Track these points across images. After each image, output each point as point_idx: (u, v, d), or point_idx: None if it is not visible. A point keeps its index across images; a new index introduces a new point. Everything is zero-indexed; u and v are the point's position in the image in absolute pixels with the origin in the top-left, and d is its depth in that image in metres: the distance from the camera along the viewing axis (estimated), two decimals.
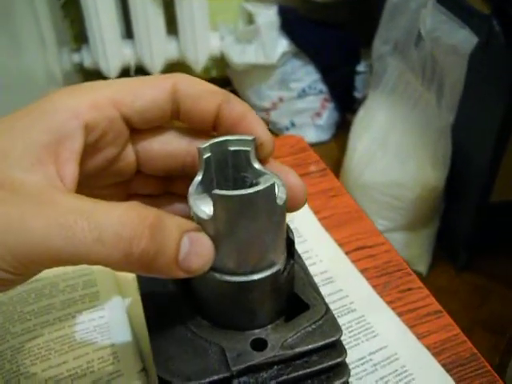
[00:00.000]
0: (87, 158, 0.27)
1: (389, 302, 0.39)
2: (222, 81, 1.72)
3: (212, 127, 0.28)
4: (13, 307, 0.37)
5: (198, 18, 1.53)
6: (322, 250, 0.43)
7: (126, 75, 1.46)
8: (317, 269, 0.41)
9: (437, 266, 1.36)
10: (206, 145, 0.26)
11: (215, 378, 0.26)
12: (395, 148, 1.30)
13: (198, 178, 0.26)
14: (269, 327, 0.28)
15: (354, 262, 0.43)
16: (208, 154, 0.26)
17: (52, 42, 1.39)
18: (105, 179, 0.29)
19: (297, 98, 1.69)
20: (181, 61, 1.64)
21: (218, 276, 0.26)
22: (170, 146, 0.29)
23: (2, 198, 0.22)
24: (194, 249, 0.24)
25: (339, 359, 0.28)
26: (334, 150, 1.68)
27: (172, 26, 1.58)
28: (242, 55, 1.60)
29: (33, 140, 0.24)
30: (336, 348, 0.28)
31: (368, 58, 1.59)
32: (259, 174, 0.27)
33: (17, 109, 0.25)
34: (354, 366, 0.35)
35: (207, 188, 0.27)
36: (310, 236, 0.45)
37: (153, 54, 1.57)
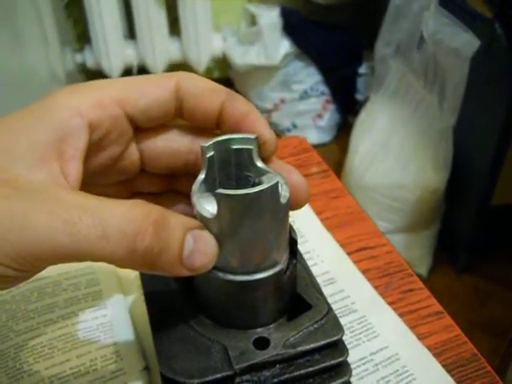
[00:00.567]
0: (91, 157, 0.27)
1: (390, 303, 0.40)
2: (223, 82, 1.71)
3: (215, 125, 0.28)
4: (16, 305, 0.38)
5: (200, 19, 1.53)
6: (323, 250, 0.44)
7: (128, 75, 1.46)
8: (318, 269, 0.42)
9: (437, 268, 1.36)
10: (209, 143, 0.26)
11: (218, 376, 0.26)
12: (396, 150, 1.31)
13: (201, 176, 0.26)
14: (271, 326, 0.28)
15: (355, 262, 0.43)
16: (211, 153, 0.26)
17: (55, 42, 1.39)
18: (109, 177, 0.30)
19: (298, 100, 1.70)
20: (183, 61, 1.64)
21: (221, 275, 0.26)
22: (173, 144, 0.29)
23: (5, 195, 0.22)
24: (198, 247, 0.24)
25: (341, 358, 0.28)
26: (335, 152, 1.68)
27: (175, 26, 1.59)
28: (245, 56, 1.60)
29: (37, 138, 0.24)
30: (338, 347, 0.28)
31: (370, 60, 1.59)
32: (262, 172, 0.27)
33: (20, 108, 0.26)
34: (355, 365, 0.35)
35: (210, 186, 0.27)
36: (312, 237, 0.45)
37: (155, 55, 1.57)
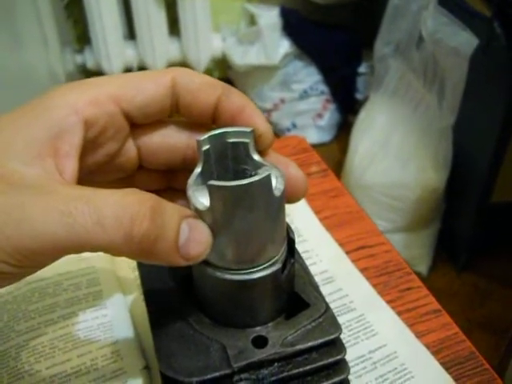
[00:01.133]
0: (88, 154, 0.27)
1: (388, 301, 0.40)
2: (223, 82, 1.72)
3: (211, 120, 0.28)
4: (17, 306, 0.38)
5: (200, 19, 1.53)
6: (322, 249, 0.44)
7: None
8: (317, 268, 0.42)
9: (437, 267, 1.36)
10: (205, 137, 0.26)
11: (217, 374, 0.26)
12: (396, 149, 1.31)
13: (198, 169, 0.26)
14: (269, 325, 0.29)
15: (354, 261, 0.43)
16: (207, 146, 0.27)
17: (55, 43, 1.39)
18: (107, 175, 0.30)
19: (298, 99, 1.70)
20: (183, 62, 1.64)
21: (220, 274, 0.27)
22: (170, 139, 0.29)
23: (1, 190, 0.22)
24: (193, 235, 0.24)
25: (339, 356, 0.28)
26: (335, 151, 1.68)
27: (174, 26, 1.59)
28: (244, 56, 1.60)
29: (33, 135, 0.24)
30: (336, 345, 0.29)
31: (369, 60, 1.59)
32: (259, 165, 0.27)
33: None
34: (353, 364, 0.35)
35: (207, 180, 0.27)
36: (311, 236, 0.45)
37: (155, 55, 1.58)
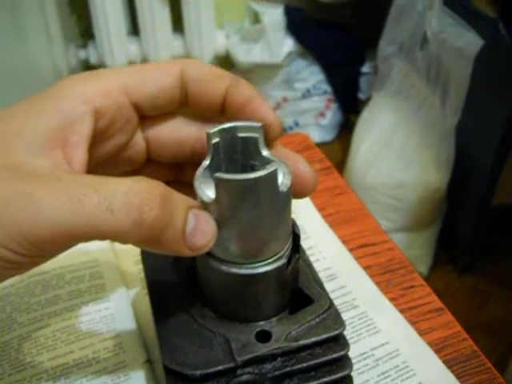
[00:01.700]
0: (97, 145, 0.27)
1: (391, 299, 0.40)
2: None
3: (220, 111, 0.28)
4: (20, 298, 0.38)
5: (204, 16, 1.53)
6: (325, 246, 0.44)
7: None
8: (320, 265, 0.42)
9: (438, 268, 1.36)
10: (215, 130, 0.26)
11: (220, 368, 0.27)
12: (398, 149, 1.31)
13: (206, 162, 0.26)
14: (273, 320, 0.29)
15: (357, 259, 0.43)
16: (216, 139, 0.27)
17: (59, 38, 1.39)
18: (115, 167, 0.30)
19: (301, 98, 1.70)
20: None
21: (225, 268, 0.27)
22: (179, 132, 0.29)
23: (9, 177, 0.22)
24: (199, 225, 0.24)
25: (342, 352, 0.28)
26: (337, 151, 1.68)
27: (178, 23, 1.58)
28: (248, 54, 1.60)
29: (42, 125, 0.24)
30: (339, 341, 0.29)
31: (373, 59, 1.59)
32: (267, 161, 0.27)
33: None
34: (355, 360, 0.35)
35: (215, 173, 0.27)
36: (314, 233, 0.45)
37: (158, 52, 1.57)
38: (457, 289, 1.32)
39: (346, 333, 0.30)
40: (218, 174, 0.24)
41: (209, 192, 0.25)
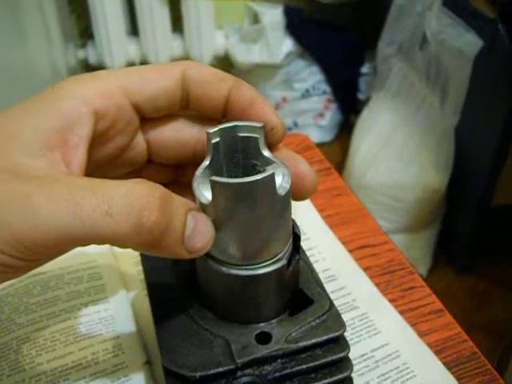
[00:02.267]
0: (97, 147, 0.27)
1: (391, 300, 0.40)
2: None
3: (222, 114, 0.28)
4: (18, 299, 0.38)
5: (203, 16, 1.53)
6: (325, 247, 0.44)
7: None
8: (320, 266, 0.42)
9: (437, 269, 1.36)
10: (215, 129, 0.26)
11: (220, 369, 0.26)
12: (398, 150, 1.31)
13: (206, 162, 0.26)
14: (273, 321, 0.29)
15: (357, 260, 0.43)
16: (217, 139, 0.26)
17: (58, 38, 1.39)
18: (116, 169, 0.30)
19: (300, 99, 1.70)
20: (185, 59, 1.63)
21: (225, 269, 0.26)
22: (180, 133, 0.29)
23: (6, 179, 0.22)
24: (198, 227, 0.24)
25: (342, 354, 0.28)
26: (336, 151, 1.68)
27: (177, 23, 1.58)
28: (247, 54, 1.60)
29: (41, 126, 0.24)
30: (339, 343, 0.29)
31: (372, 60, 1.59)
32: (268, 161, 0.27)
33: None
34: (355, 362, 0.35)
35: (216, 174, 0.27)
36: (314, 234, 0.45)
37: (158, 52, 1.57)
38: (456, 290, 1.32)
39: (346, 334, 0.29)
40: (214, 178, 0.23)
41: (207, 193, 0.25)
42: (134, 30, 1.59)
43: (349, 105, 1.74)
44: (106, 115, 0.26)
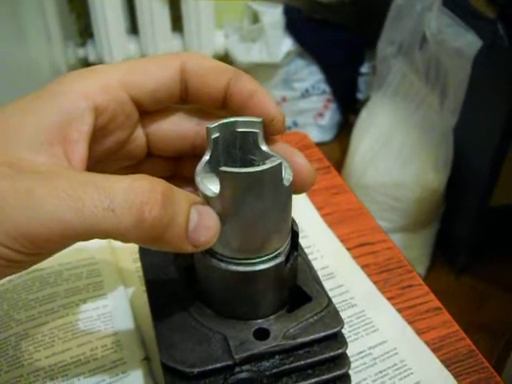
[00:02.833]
0: (98, 142, 0.27)
1: (389, 298, 0.40)
2: None
3: (221, 105, 0.28)
4: (17, 295, 0.38)
5: (203, 16, 1.53)
6: (323, 245, 0.44)
7: None
8: (318, 264, 0.42)
9: (435, 269, 1.36)
10: (215, 124, 0.26)
11: (218, 365, 0.26)
12: (397, 149, 1.31)
13: (206, 157, 0.26)
14: (271, 317, 0.29)
15: (355, 258, 0.43)
16: (216, 134, 0.26)
17: (58, 37, 1.39)
18: (115, 163, 0.30)
19: (300, 98, 1.70)
20: None
21: (224, 265, 0.27)
22: (179, 127, 0.29)
23: (8, 175, 0.22)
24: (202, 221, 0.24)
25: (340, 350, 0.28)
26: (335, 151, 1.68)
27: (177, 22, 1.58)
28: (247, 54, 1.60)
29: (42, 121, 0.24)
30: (337, 339, 0.29)
31: (372, 60, 1.59)
32: (266, 156, 0.27)
33: None
34: (353, 359, 0.35)
35: (214, 168, 0.27)
36: (312, 231, 0.45)
37: (157, 50, 1.57)
38: (455, 289, 1.32)
39: (344, 331, 0.30)
40: (224, 168, 0.23)
41: (211, 186, 0.25)
42: (133, 28, 1.59)
43: (348, 104, 1.75)
44: (106, 110, 0.26)
